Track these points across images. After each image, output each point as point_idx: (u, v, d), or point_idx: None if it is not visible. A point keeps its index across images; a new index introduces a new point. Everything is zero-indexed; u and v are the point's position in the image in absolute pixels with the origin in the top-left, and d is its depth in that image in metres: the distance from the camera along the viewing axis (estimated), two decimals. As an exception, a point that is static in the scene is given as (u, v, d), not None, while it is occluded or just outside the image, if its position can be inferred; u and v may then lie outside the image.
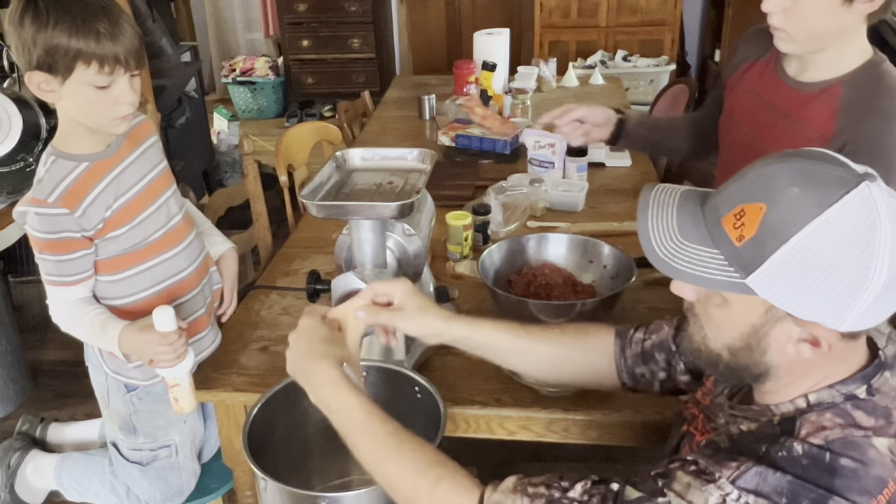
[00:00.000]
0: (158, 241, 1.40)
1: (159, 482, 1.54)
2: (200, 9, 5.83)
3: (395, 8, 5.56)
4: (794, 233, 0.72)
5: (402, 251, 1.39)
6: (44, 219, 1.24)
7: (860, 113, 1.32)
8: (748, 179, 0.78)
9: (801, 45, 1.38)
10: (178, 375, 1.32)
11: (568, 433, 1.33)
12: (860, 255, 0.71)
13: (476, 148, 2.49)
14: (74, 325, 1.34)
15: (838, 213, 0.72)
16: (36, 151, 2.34)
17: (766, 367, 0.82)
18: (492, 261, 1.64)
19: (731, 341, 0.83)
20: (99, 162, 1.31)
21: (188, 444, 1.55)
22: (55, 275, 1.30)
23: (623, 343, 1.12)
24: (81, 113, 1.25)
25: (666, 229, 0.82)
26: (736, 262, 0.77)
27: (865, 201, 0.72)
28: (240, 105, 5.60)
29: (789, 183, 0.74)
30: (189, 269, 1.46)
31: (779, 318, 0.78)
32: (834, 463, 0.74)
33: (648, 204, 0.85)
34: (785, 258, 0.73)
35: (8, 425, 2.46)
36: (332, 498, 1.05)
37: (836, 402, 0.80)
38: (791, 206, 0.73)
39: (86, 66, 1.18)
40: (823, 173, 0.74)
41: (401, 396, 1.23)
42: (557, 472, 0.90)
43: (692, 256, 0.79)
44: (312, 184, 1.36)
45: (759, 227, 0.74)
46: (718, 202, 0.80)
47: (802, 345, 0.78)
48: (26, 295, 3.16)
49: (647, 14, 4.65)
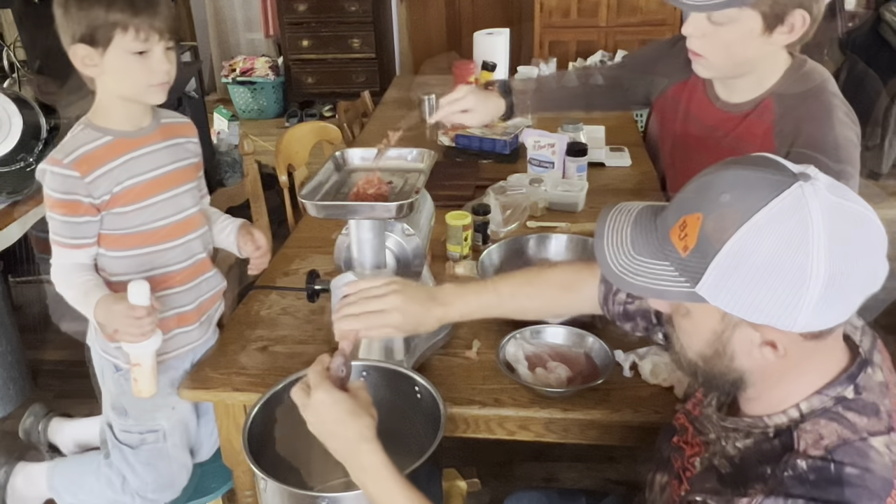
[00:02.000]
0: (161, 230, 1.42)
1: (149, 468, 1.54)
2: (200, 9, 5.83)
3: (395, 8, 5.56)
4: (727, 238, 0.74)
5: (401, 251, 1.39)
6: (56, 177, 1.31)
7: (796, 121, 1.33)
8: (688, 191, 0.81)
9: (720, 71, 1.40)
10: (140, 354, 1.32)
11: (567, 433, 1.33)
12: (795, 255, 0.72)
13: (476, 148, 2.49)
14: (66, 287, 1.37)
15: (767, 216, 0.73)
16: (36, 151, 2.34)
17: (739, 373, 0.83)
18: (491, 261, 1.64)
19: (701, 349, 0.85)
20: (123, 139, 1.37)
21: (177, 433, 1.55)
22: (60, 234, 1.35)
23: (607, 293, 1.17)
24: (120, 81, 1.32)
25: (621, 246, 0.85)
26: (685, 273, 0.78)
27: (797, 202, 0.73)
28: (240, 105, 5.60)
29: (721, 191, 0.76)
30: (183, 264, 1.47)
31: (735, 323, 0.79)
32: (840, 473, 0.75)
33: (605, 224, 0.88)
34: (724, 264, 0.75)
35: (8, 425, 2.46)
36: (332, 498, 1.05)
37: (826, 406, 0.81)
38: (723, 213, 0.75)
39: (123, 33, 1.27)
40: (756, 178, 0.76)
41: (401, 396, 1.23)
42: (556, 472, 0.90)
43: (645, 270, 0.82)
44: (312, 184, 1.36)
45: (698, 236, 0.77)
46: (666, 215, 0.83)
47: (765, 348, 0.79)
48: (26, 295, 3.16)
49: (647, 14, 4.65)
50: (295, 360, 1.45)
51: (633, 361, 1.38)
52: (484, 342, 1.47)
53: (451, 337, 1.49)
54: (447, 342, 1.48)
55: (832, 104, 1.33)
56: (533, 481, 2.17)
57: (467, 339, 1.49)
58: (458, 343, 1.48)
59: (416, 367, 1.38)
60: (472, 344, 1.47)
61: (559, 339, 1.42)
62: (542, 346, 1.41)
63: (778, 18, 1.28)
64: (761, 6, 1.27)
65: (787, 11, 1.28)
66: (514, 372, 1.35)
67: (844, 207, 0.75)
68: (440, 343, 1.46)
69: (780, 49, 1.35)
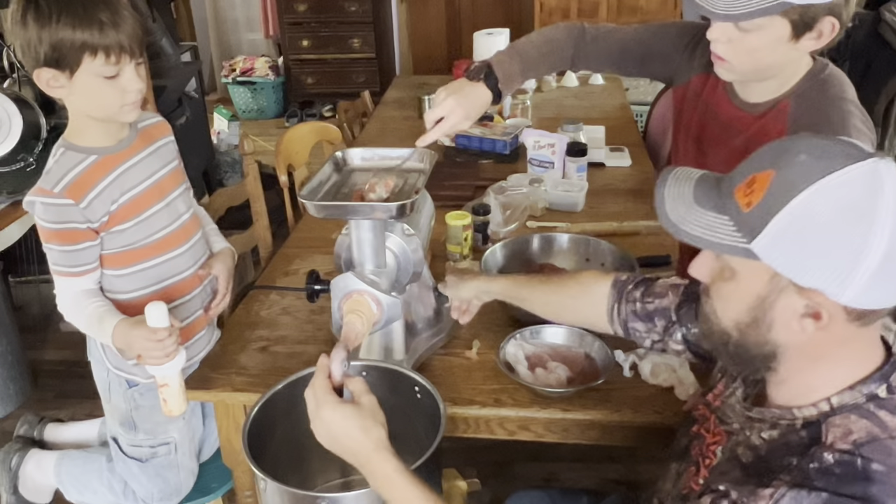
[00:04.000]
0: (163, 240, 1.41)
1: (157, 479, 1.54)
2: (200, 9, 5.83)
3: (395, 8, 5.55)
4: (795, 195, 0.74)
5: (401, 251, 1.39)
6: (49, 208, 1.26)
7: (812, 126, 1.31)
8: (762, 153, 0.81)
9: (743, 76, 1.38)
10: (167, 375, 1.30)
11: (567, 433, 1.33)
12: (860, 223, 0.72)
13: (476, 148, 2.49)
14: (76, 316, 1.34)
15: (840, 180, 0.73)
16: (36, 151, 2.34)
17: (774, 346, 0.82)
18: (495, 260, 1.64)
19: (739, 315, 0.84)
20: (108, 156, 1.33)
21: (187, 443, 1.56)
22: (61, 264, 1.31)
23: (619, 296, 1.16)
24: (91, 105, 1.27)
25: (681, 198, 0.85)
26: (743, 228, 0.78)
27: (872, 173, 0.73)
28: (240, 105, 5.60)
29: (799, 151, 0.77)
30: (191, 270, 1.47)
31: (782, 287, 0.78)
32: (866, 468, 0.74)
33: (668, 177, 0.89)
34: (786, 220, 0.75)
35: (8, 425, 2.46)
36: (332, 498, 1.05)
37: (858, 402, 0.80)
38: (797, 170, 0.75)
39: (92, 57, 1.20)
40: (836, 147, 0.77)
41: (401, 396, 1.23)
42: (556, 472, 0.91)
43: (701, 221, 0.82)
44: (312, 184, 1.36)
45: (766, 192, 0.76)
46: (733, 175, 0.83)
47: (806, 320, 0.78)
48: (26, 295, 3.16)
49: (647, 14, 4.65)
50: (295, 360, 1.45)
51: (633, 362, 1.38)
52: (484, 342, 1.47)
53: (451, 337, 1.49)
54: (447, 342, 1.48)
55: (849, 111, 1.31)
56: (533, 481, 2.17)
57: (467, 340, 1.49)
58: (458, 343, 1.48)
59: (416, 367, 1.38)
60: (472, 344, 1.47)
61: (559, 339, 1.42)
62: (543, 347, 1.41)
63: (807, 26, 1.25)
64: (791, 14, 1.24)
65: (818, 18, 1.25)
66: (514, 372, 1.35)
67: None
68: (440, 343, 1.47)
69: (804, 55, 1.34)
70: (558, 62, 1.69)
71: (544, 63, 1.67)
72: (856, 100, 1.35)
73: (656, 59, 1.64)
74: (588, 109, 2.97)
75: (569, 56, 1.68)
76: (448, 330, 1.48)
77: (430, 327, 1.46)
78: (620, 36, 1.68)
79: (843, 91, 1.35)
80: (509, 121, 2.68)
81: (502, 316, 1.53)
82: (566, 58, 1.68)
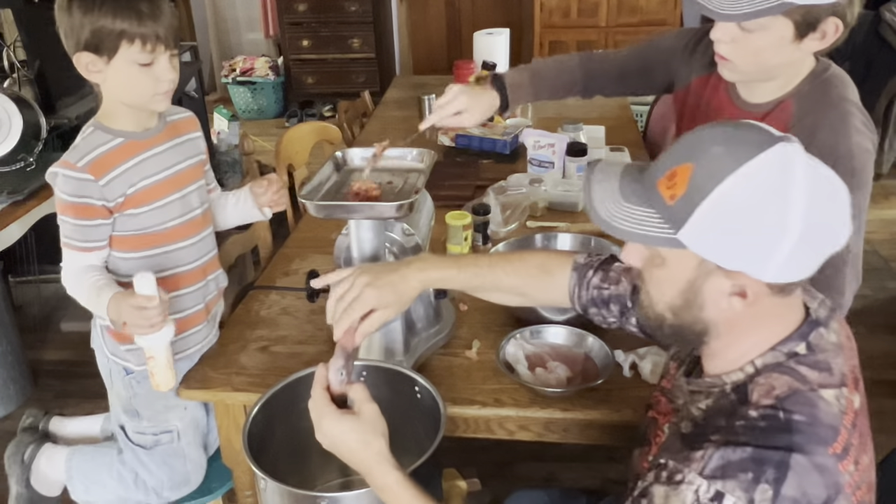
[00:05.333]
0: (173, 230, 1.43)
1: (164, 467, 1.54)
2: (200, 9, 5.83)
3: (395, 8, 5.56)
4: (715, 185, 0.79)
5: (401, 251, 1.39)
6: (69, 181, 1.31)
7: (813, 126, 1.31)
8: (678, 146, 0.86)
9: (746, 76, 1.38)
10: (152, 346, 1.31)
11: (567, 433, 1.33)
12: (775, 207, 0.77)
13: (476, 148, 2.49)
14: (77, 288, 1.37)
15: (755, 167, 0.78)
16: (36, 151, 2.35)
17: (705, 323, 0.87)
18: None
19: (672, 299, 0.88)
20: (133, 141, 1.37)
21: (190, 432, 1.56)
22: (72, 238, 1.35)
23: (580, 280, 1.19)
24: (125, 91, 1.32)
25: (609, 194, 0.90)
26: (669, 219, 0.82)
27: (781, 157, 0.78)
28: (240, 105, 5.60)
29: (713, 143, 0.81)
30: (194, 264, 1.48)
31: (709, 271, 0.83)
32: (789, 420, 0.79)
33: (594, 174, 0.93)
34: (708, 210, 0.79)
35: (8, 425, 2.46)
36: (332, 498, 1.05)
37: (779, 361, 0.86)
38: (714, 162, 0.80)
39: (129, 44, 1.26)
40: (745, 135, 0.81)
41: (401, 396, 1.23)
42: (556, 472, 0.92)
43: (631, 216, 0.86)
44: (312, 184, 1.36)
45: (687, 184, 0.81)
46: (654, 169, 0.88)
47: (733, 298, 0.83)
48: (26, 295, 3.16)
49: (647, 14, 4.65)
50: (295, 360, 1.45)
51: (633, 361, 1.38)
52: (484, 342, 1.47)
53: (451, 337, 1.49)
54: (447, 342, 1.48)
55: (850, 112, 1.31)
56: (533, 481, 2.17)
57: (467, 339, 1.49)
58: (458, 343, 1.48)
59: (416, 367, 1.38)
60: (472, 344, 1.47)
61: (559, 339, 1.42)
62: (542, 346, 1.41)
63: (810, 26, 1.25)
64: (794, 15, 1.24)
65: (821, 19, 1.25)
66: (513, 372, 1.35)
67: (819, 170, 0.81)
68: (440, 343, 1.47)
69: (807, 55, 1.34)
70: (569, 83, 1.76)
71: (556, 80, 1.75)
72: (857, 101, 1.35)
73: (656, 68, 1.68)
74: (588, 109, 2.97)
75: (579, 77, 1.75)
76: (448, 330, 1.48)
77: (429, 327, 1.46)
78: (621, 54, 1.75)
79: (845, 92, 1.35)
80: (509, 121, 2.68)
81: (502, 316, 1.53)
82: (576, 79, 1.75)
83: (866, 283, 1.48)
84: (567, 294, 1.21)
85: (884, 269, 3.31)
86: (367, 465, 1.00)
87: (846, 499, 0.79)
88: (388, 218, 1.29)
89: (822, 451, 0.78)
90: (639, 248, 0.91)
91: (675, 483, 0.80)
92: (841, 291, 1.36)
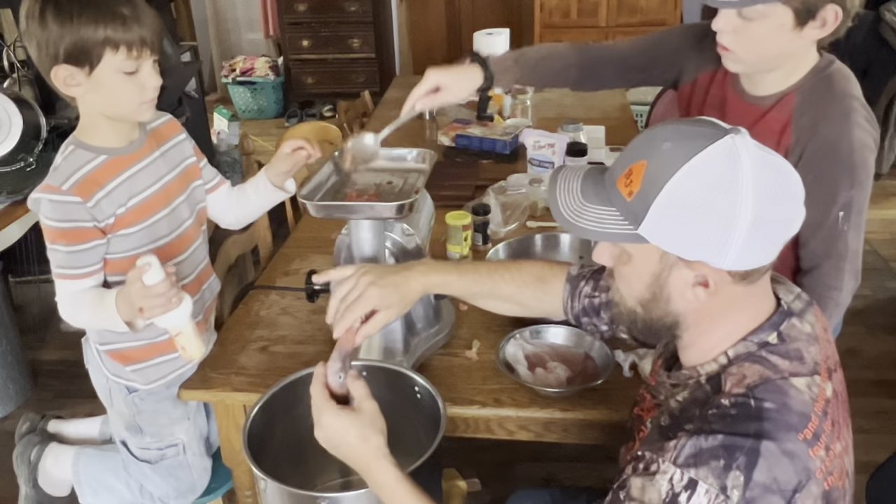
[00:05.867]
0: (166, 247, 1.39)
1: (171, 479, 1.54)
2: (200, 9, 5.82)
3: (395, 8, 5.55)
4: (667, 180, 0.81)
5: (401, 251, 1.39)
6: (56, 206, 1.24)
7: (815, 120, 1.32)
8: (633, 145, 0.89)
9: (750, 66, 1.39)
10: (177, 323, 1.24)
11: (567, 433, 1.33)
12: (725, 196, 0.80)
13: (476, 148, 2.49)
14: (79, 311, 1.30)
15: (703, 160, 0.81)
16: (36, 151, 2.34)
17: (674, 316, 0.90)
18: (498, 259, 1.64)
19: (640, 294, 0.91)
20: (117, 157, 1.31)
21: (195, 442, 1.55)
22: (66, 266, 1.28)
23: (572, 291, 1.21)
24: (108, 102, 1.25)
25: (571, 196, 0.92)
26: (629, 216, 0.85)
27: (729, 149, 0.81)
28: (240, 105, 5.60)
29: (664, 140, 0.84)
30: (189, 278, 1.46)
31: (672, 263, 0.86)
32: (760, 407, 0.81)
33: (557, 178, 0.96)
34: (663, 204, 0.82)
35: (8, 425, 2.46)
36: (332, 498, 1.05)
37: (751, 351, 0.88)
38: (664, 158, 0.83)
39: (114, 52, 1.19)
40: (693, 130, 0.84)
41: (401, 396, 1.23)
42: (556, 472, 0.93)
43: (593, 216, 0.89)
44: (312, 184, 1.36)
45: (642, 180, 0.84)
46: (613, 168, 0.90)
47: (697, 288, 0.86)
48: (26, 295, 3.16)
49: (647, 14, 4.65)
50: (295, 360, 1.45)
51: (633, 361, 1.38)
52: (484, 342, 1.47)
53: (451, 337, 1.49)
54: (447, 342, 1.48)
55: (852, 107, 1.32)
56: (533, 481, 2.17)
57: (467, 340, 1.49)
58: (458, 343, 1.48)
59: (416, 367, 1.38)
60: (472, 344, 1.47)
61: (559, 339, 1.42)
62: (542, 346, 1.41)
63: (810, 13, 1.26)
64: (793, 2, 1.25)
65: (819, 6, 1.26)
66: (513, 372, 1.35)
67: (768, 159, 0.83)
68: (440, 343, 1.47)
69: (810, 45, 1.34)
70: (561, 68, 1.68)
71: (545, 63, 1.67)
72: (860, 96, 1.35)
73: (660, 63, 1.66)
74: (588, 109, 2.97)
75: (573, 62, 1.67)
76: (448, 330, 1.48)
77: (429, 327, 1.46)
78: (622, 46, 1.71)
79: (848, 87, 1.35)
80: (509, 121, 2.68)
81: (502, 316, 1.53)
82: (570, 64, 1.67)
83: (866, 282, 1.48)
84: (561, 305, 1.22)
85: (884, 269, 3.31)
86: (365, 461, 1.00)
87: (817, 484, 0.80)
88: (388, 218, 1.29)
89: (792, 438, 0.80)
90: (608, 246, 0.93)
91: (650, 474, 0.82)
92: (839, 289, 1.36)
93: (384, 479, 0.99)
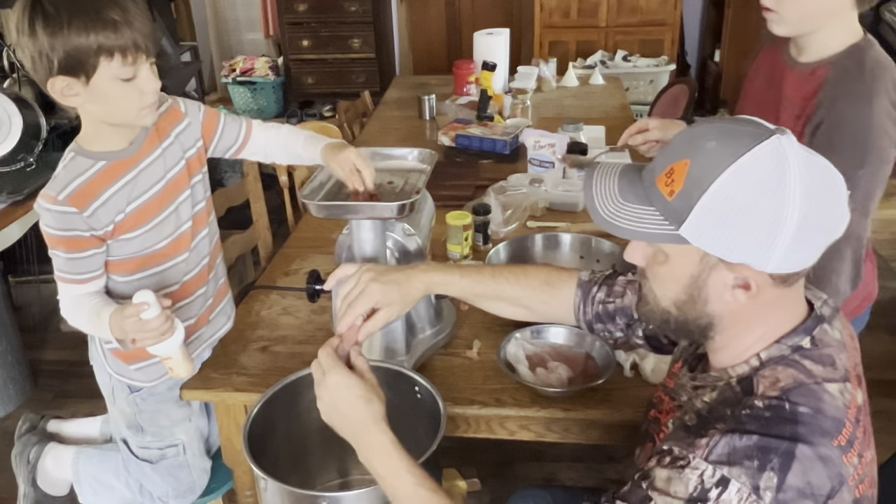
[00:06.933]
0: (168, 246, 1.38)
1: (170, 479, 1.54)
2: (200, 9, 5.82)
3: (395, 8, 5.55)
4: (713, 181, 0.80)
5: (402, 251, 1.39)
6: (54, 216, 1.24)
7: (837, 95, 1.34)
8: (675, 143, 0.87)
9: (792, 26, 1.40)
10: (168, 351, 1.28)
11: (568, 433, 1.33)
12: (773, 198, 0.78)
13: (476, 148, 2.49)
14: (77, 317, 1.32)
15: (750, 161, 0.79)
16: (36, 151, 2.35)
17: (710, 318, 0.88)
18: (499, 259, 1.64)
19: (676, 295, 0.89)
20: (116, 162, 1.29)
21: (195, 443, 1.56)
22: (66, 272, 1.29)
23: (584, 297, 1.19)
24: (109, 111, 1.23)
25: (608, 194, 0.90)
26: (669, 216, 0.84)
27: (775, 150, 0.79)
28: (240, 105, 5.59)
29: (708, 139, 0.82)
30: (193, 272, 1.45)
31: (712, 265, 0.84)
32: (794, 411, 0.80)
33: (593, 176, 0.94)
34: (708, 205, 0.80)
35: (8, 425, 2.46)
36: (332, 498, 1.05)
37: (784, 354, 0.86)
38: (709, 157, 0.81)
39: (109, 59, 1.15)
40: (739, 129, 0.82)
41: (401, 396, 1.23)
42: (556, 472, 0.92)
43: (631, 215, 0.87)
44: (313, 184, 1.36)
45: (685, 180, 0.82)
46: (653, 166, 0.88)
47: (737, 291, 0.84)
48: (26, 295, 3.16)
49: (647, 14, 4.64)
50: (295, 360, 1.45)
51: (634, 361, 1.38)
52: (484, 342, 1.47)
53: (451, 337, 1.49)
54: (448, 342, 1.48)
55: (878, 91, 1.32)
56: (533, 481, 2.17)
57: (468, 339, 1.49)
58: (458, 343, 1.48)
59: (416, 367, 1.38)
60: (473, 344, 1.47)
61: (560, 338, 1.42)
62: (543, 346, 1.41)
63: None
64: None
65: None
66: (514, 372, 1.35)
67: (813, 160, 0.81)
68: (441, 343, 1.47)
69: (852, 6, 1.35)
70: None
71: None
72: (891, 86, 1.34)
73: None
74: (588, 109, 2.97)
75: None
76: (449, 329, 1.48)
77: (430, 327, 1.46)
78: None
79: (881, 72, 1.35)
80: (509, 121, 2.68)
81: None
82: None
83: (866, 282, 1.47)
84: (571, 310, 1.20)
85: (884, 269, 3.31)
86: (363, 423, 1.00)
87: (849, 491, 0.79)
88: (389, 218, 1.29)
89: (827, 443, 0.79)
90: (641, 246, 0.91)
91: (678, 467, 0.81)
92: (838, 272, 1.37)
93: (381, 440, 0.99)
